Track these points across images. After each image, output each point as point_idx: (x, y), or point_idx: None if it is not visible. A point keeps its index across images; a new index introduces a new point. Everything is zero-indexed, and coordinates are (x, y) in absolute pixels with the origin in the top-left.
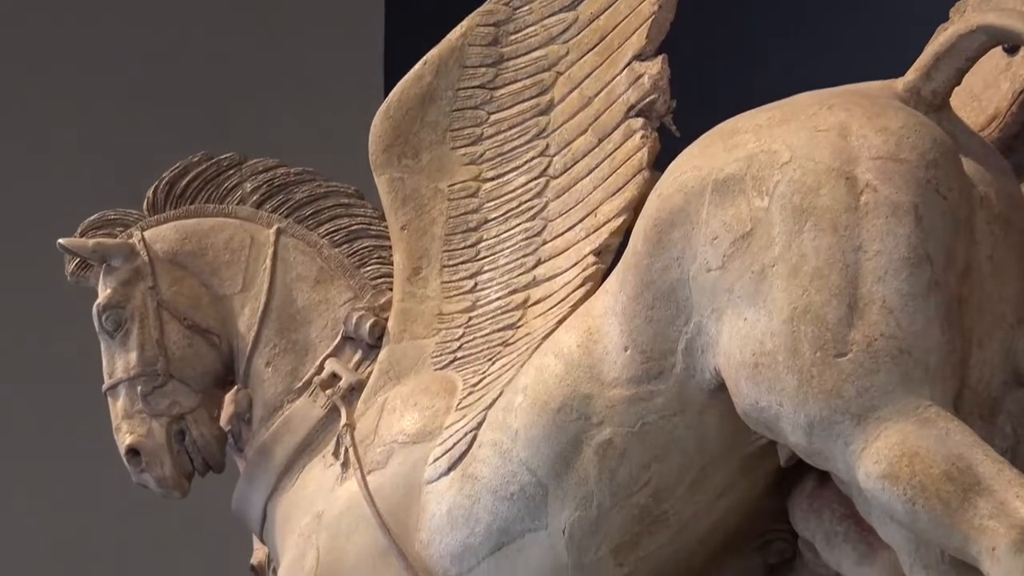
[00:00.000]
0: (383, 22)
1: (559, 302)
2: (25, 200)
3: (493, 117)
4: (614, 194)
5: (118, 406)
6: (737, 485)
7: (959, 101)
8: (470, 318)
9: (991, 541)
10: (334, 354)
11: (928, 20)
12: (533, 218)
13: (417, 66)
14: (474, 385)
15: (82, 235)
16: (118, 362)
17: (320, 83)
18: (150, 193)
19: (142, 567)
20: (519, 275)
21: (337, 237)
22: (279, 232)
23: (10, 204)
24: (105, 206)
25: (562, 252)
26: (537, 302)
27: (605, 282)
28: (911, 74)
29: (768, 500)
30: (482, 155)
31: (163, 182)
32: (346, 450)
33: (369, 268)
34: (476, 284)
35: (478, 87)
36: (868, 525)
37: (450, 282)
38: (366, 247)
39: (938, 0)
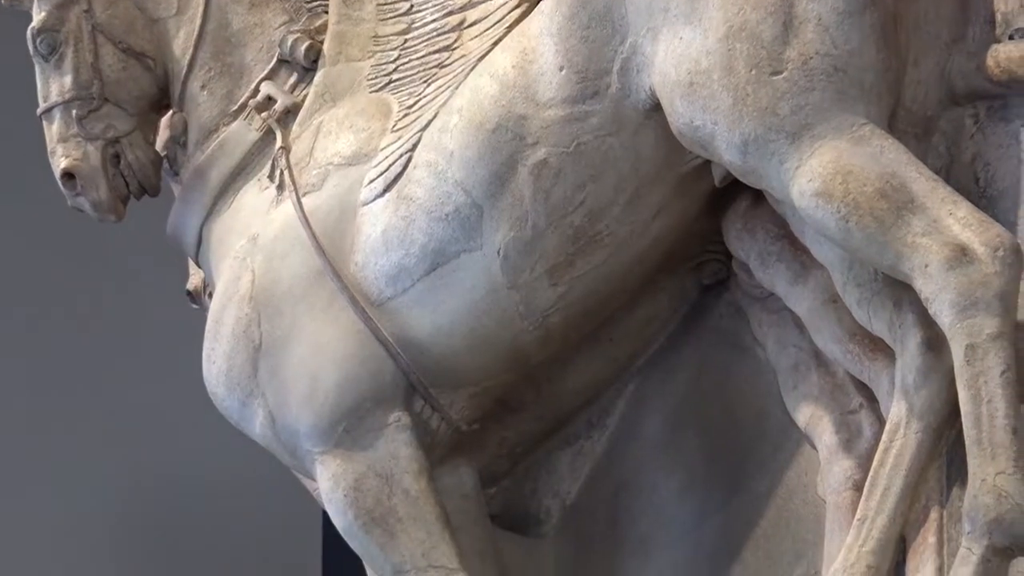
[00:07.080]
0: None
1: (495, 23)
2: None
3: None
4: None
5: (53, 130)
6: (672, 206)
7: None
8: (405, 40)
9: (924, 258)
10: (269, 77)
11: None
12: None
13: None
14: (409, 107)
15: None
16: (53, 86)
17: None
18: None
19: (75, 291)
20: None
21: None
22: None
23: None
24: None
25: None
26: (473, 23)
27: (541, 3)
28: None
29: (703, 222)
30: None
31: None
32: (281, 172)
33: None
34: (412, 6)
35: None
36: (802, 245)
37: (385, 4)
38: None
39: None
